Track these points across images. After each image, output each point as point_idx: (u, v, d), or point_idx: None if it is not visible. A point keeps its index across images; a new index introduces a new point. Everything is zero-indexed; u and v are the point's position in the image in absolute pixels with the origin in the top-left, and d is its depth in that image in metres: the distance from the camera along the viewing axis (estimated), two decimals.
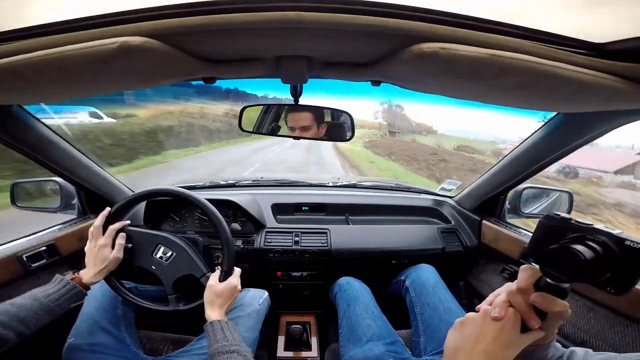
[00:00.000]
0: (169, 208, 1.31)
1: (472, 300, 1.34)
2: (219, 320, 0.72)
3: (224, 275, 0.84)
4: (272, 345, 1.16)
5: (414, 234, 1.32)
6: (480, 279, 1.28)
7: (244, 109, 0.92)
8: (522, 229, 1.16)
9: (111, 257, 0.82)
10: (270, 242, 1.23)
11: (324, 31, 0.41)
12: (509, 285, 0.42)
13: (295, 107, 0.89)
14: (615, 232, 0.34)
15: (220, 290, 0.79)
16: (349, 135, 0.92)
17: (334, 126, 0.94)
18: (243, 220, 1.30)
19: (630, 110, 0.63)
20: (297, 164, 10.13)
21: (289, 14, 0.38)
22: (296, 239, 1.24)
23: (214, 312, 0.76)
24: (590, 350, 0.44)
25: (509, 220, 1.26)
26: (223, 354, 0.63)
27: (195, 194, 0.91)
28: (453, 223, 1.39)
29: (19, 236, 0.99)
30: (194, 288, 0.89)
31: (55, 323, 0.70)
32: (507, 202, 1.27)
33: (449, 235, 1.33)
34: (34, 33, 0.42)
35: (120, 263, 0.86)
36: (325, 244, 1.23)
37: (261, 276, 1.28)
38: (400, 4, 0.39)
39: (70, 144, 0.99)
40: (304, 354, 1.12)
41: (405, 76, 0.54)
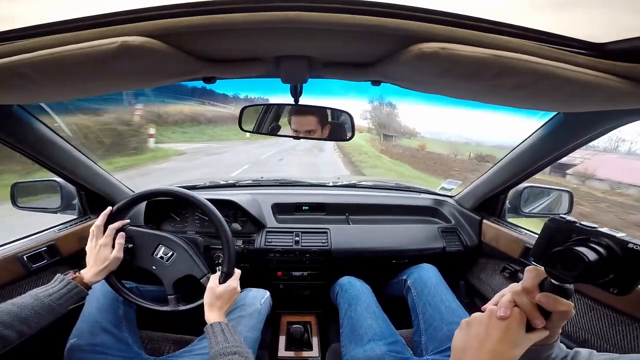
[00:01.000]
0: (169, 208, 1.31)
1: (473, 300, 1.34)
2: (219, 323, 0.71)
3: (224, 277, 0.83)
4: (274, 345, 1.16)
5: (414, 234, 1.32)
6: (481, 279, 1.28)
7: (244, 108, 0.92)
8: (523, 228, 1.16)
9: (111, 257, 0.82)
10: (270, 242, 1.23)
11: (324, 31, 0.41)
12: (514, 285, 0.43)
13: (298, 109, 0.89)
14: (618, 235, 0.35)
15: (220, 292, 0.78)
16: (349, 135, 0.93)
17: (335, 126, 0.94)
18: (243, 220, 1.30)
19: (630, 110, 0.63)
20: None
21: (289, 14, 0.38)
22: (296, 238, 1.25)
23: (213, 314, 0.75)
24: (595, 351, 0.45)
25: (510, 220, 1.27)
26: (224, 355, 0.63)
27: (195, 194, 0.91)
28: (453, 222, 1.39)
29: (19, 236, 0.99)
30: (194, 289, 0.89)
31: (56, 324, 0.70)
32: (508, 202, 1.27)
33: (450, 234, 1.33)
34: (34, 33, 0.42)
35: (121, 262, 0.86)
36: (326, 244, 1.23)
37: (262, 276, 1.28)
38: (400, 4, 0.39)
39: (70, 144, 0.99)
40: (305, 354, 1.12)
41: (406, 76, 0.54)
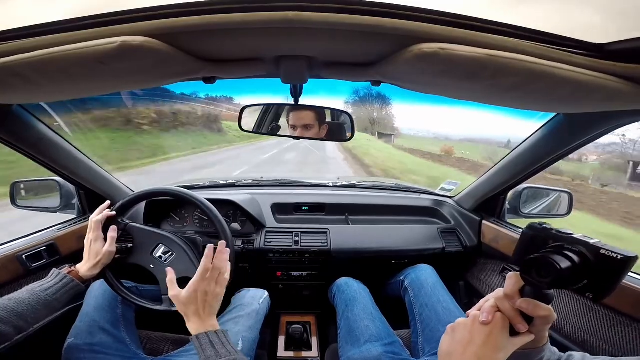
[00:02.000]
0: (169, 208, 1.31)
1: (472, 300, 1.34)
2: (205, 333, 0.63)
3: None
4: (273, 345, 1.16)
5: (413, 234, 1.32)
6: (480, 279, 1.28)
7: (244, 108, 0.92)
8: (522, 229, 1.16)
9: (104, 251, 0.80)
10: (270, 242, 1.23)
11: (323, 31, 0.41)
12: (498, 291, 0.44)
13: (297, 107, 0.89)
14: (592, 242, 0.36)
15: (185, 297, 0.67)
16: (349, 136, 0.93)
17: (335, 126, 0.94)
18: (243, 220, 1.30)
19: (630, 110, 0.63)
20: None
21: (289, 14, 0.38)
22: (296, 239, 1.25)
23: (193, 324, 0.66)
24: (588, 354, 0.45)
25: (509, 220, 1.27)
26: None
27: (195, 193, 0.91)
28: (453, 223, 1.39)
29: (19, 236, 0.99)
30: None
31: (55, 323, 0.70)
32: (507, 202, 1.27)
33: (449, 235, 1.33)
34: (34, 33, 0.42)
35: (118, 258, 0.85)
36: (325, 244, 1.23)
37: (261, 276, 1.28)
38: (399, 4, 0.39)
39: (70, 144, 0.99)
40: (305, 354, 1.12)
41: (405, 76, 0.54)
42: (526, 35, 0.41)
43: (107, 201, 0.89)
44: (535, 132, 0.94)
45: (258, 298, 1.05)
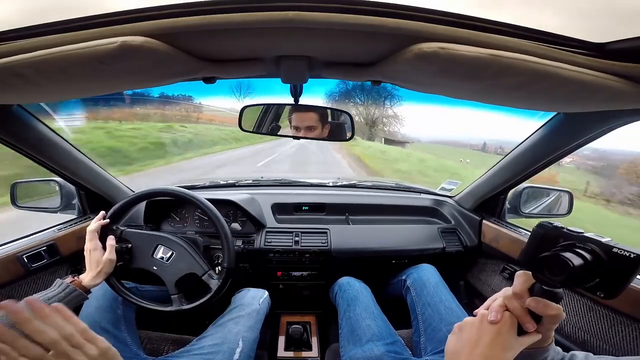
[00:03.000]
0: (169, 208, 1.31)
1: (473, 300, 1.34)
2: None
3: (225, 272, 0.84)
4: (273, 345, 1.16)
5: (414, 234, 1.32)
6: (481, 279, 1.28)
7: (244, 108, 0.92)
8: (522, 228, 1.16)
9: (104, 259, 0.81)
10: (270, 242, 1.23)
11: (323, 31, 0.41)
12: (506, 290, 0.43)
13: (298, 109, 0.89)
14: (604, 240, 0.36)
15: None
16: (349, 135, 0.93)
17: (334, 126, 0.94)
18: (243, 220, 1.30)
19: (630, 110, 0.63)
20: None
21: (289, 13, 0.38)
22: (296, 238, 1.24)
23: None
24: (591, 354, 0.45)
25: (509, 220, 1.27)
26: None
27: (195, 193, 0.91)
28: (453, 223, 1.39)
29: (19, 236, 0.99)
30: (196, 287, 0.89)
31: None
32: (507, 202, 1.27)
33: (449, 235, 1.33)
34: (34, 33, 0.42)
35: (120, 264, 0.86)
36: (325, 244, 1.23)
37: (261, 276, 1.28)
38: (399, 3, 0.39)
39: (70, 144, 0.99)
40: (305, 354, 1.12)
41: (405, 76, 0.54)
42: (528, 35, 0.41)
43: (102, 212, 0.89)
44: (535, 132, 0.94)
45: (258, 298, 1.05)
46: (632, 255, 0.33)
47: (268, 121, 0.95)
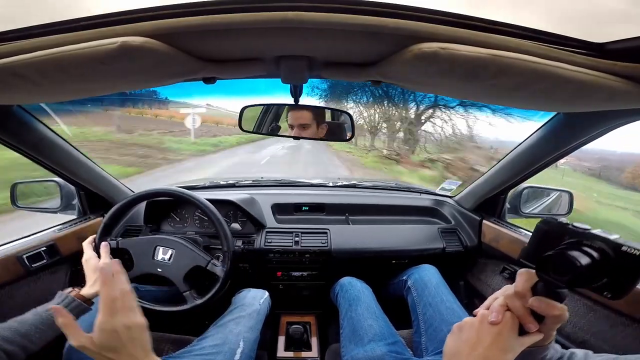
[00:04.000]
0: (169, 208, 1.31)
1: (473, 300, 1.34)
2: None
3: (227, 256, 0.84)
4: (273, 346, 1.16)
5: (414, 234, 1.32)
6: (481, 279, 1.28)
7: (244, 108, 0.92)
8: (522, 228, 1.16)
9: (100, 264, 0.79)
10: (270, 242, 1.23)
11: (324, 31, 0.41)
12: (507, 288, 0.42)
13: (296, 107, 0.89)
14: (612, 238, 0.34)
15: (103, 343, 0.48)
16: (349, 136, 0.93)
17: (334, 126, 0.94)
18: (243, 220, 1.30)
19: (630, 110, 0.63)
20: None
21: (289, 14, 0.38)
22: (296, 239, 1.24)
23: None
24: (591, 352, 0.44)
25: (509, 220, 1.26)
26: None
27: (194, 193, 0.91)
28: (453, 223, 1.39)
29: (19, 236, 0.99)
30: (204, 280, 0.90)
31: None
32: (507, 202, 1.27)
33: (449, 235, 1.33)
34: (34, 33, 0.42)
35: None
36: (325, 244, 1.23)
37: (261, 276, 1.28)
38: (400, 3, 0.39)
39: (70, 145, 0.99)
40: (304, 354, 1.12)
41: (405, 76, 0.54)
42: (528, 35, 0.41)
43: (91, 237, 0.88)
44: (535, 132, 0.94)
45: (259, 298, 1.05)
46: None
47: (268, 121, 0.95)
